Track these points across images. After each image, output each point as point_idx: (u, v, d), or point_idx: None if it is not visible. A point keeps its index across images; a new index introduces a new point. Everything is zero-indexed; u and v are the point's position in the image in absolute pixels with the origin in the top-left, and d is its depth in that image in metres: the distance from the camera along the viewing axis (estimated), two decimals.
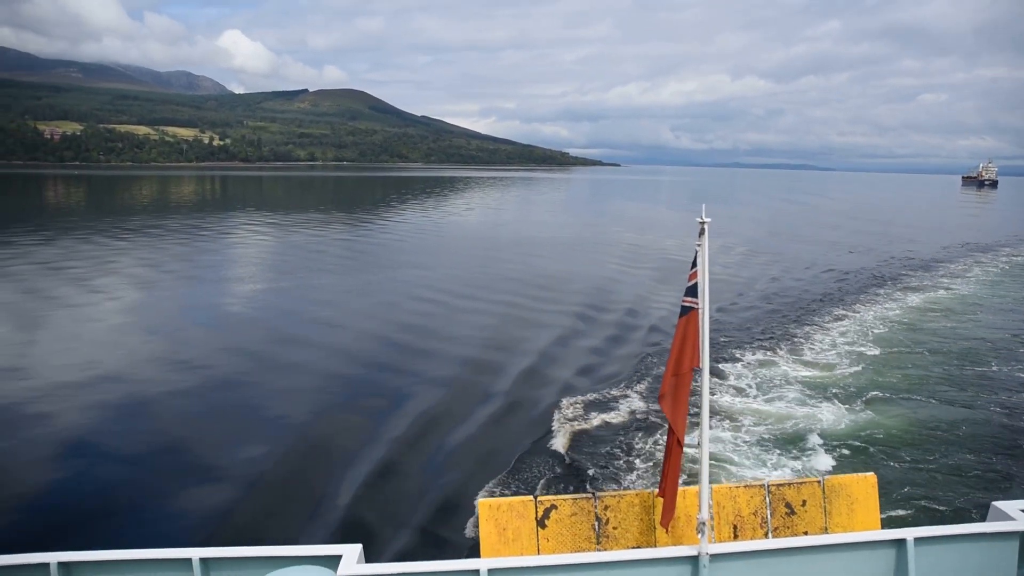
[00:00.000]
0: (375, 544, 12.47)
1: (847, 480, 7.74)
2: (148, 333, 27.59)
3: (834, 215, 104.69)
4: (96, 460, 16.15)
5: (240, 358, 23.96)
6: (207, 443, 17.04)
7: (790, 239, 66.40)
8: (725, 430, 17.65)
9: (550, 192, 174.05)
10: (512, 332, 28.31)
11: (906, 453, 16.27)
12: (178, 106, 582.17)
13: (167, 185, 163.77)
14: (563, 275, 42.66)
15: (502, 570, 6.30)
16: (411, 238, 63.58)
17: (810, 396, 20.39)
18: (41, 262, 42.95)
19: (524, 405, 19.81)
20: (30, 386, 20.70)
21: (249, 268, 44.41)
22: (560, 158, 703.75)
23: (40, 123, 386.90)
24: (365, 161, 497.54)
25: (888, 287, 39.65)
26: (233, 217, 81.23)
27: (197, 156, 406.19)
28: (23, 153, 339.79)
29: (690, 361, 6.27)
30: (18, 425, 17.88)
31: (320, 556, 6.41)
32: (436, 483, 15.15)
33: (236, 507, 13.95)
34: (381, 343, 26.44)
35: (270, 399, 20.11)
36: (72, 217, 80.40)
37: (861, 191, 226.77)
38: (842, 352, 25.47)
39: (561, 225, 79.74)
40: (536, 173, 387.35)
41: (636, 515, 7.36)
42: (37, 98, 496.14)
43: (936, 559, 6.78)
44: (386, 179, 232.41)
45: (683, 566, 6.50)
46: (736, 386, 21.27)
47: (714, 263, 49.97)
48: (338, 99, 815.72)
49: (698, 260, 6.25)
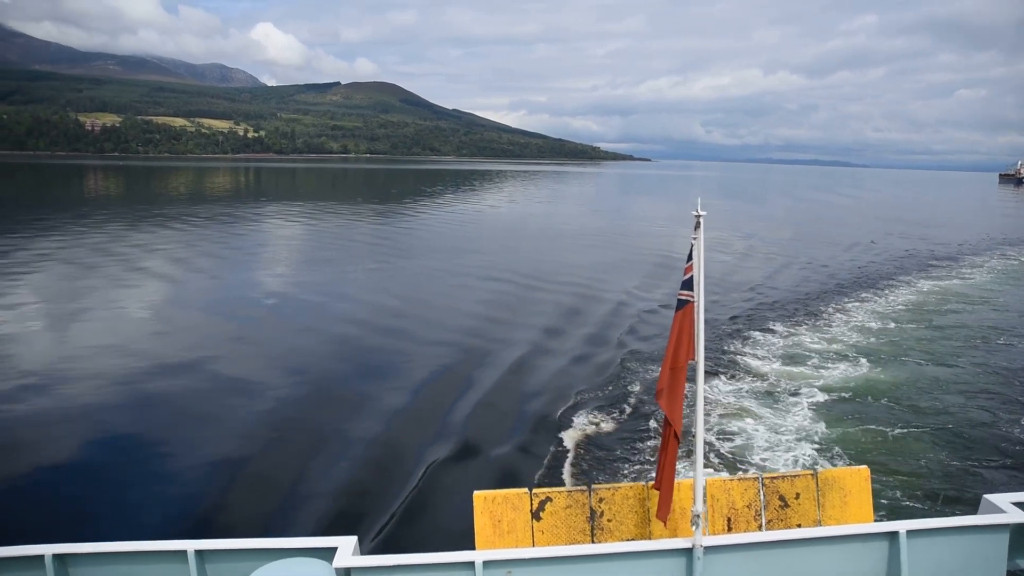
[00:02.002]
0: (483, 447, 16.59)
1: (840, 473, 7.77)
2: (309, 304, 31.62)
3: (874, 210, 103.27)
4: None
5: (360, 329, 27.50)
6: (371, 384, 21.06)
7: (821, 233, 65.83)
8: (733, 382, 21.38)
9: (585, 186, 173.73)
10: (575, 305, 32.25)
11: (899, 445, 16.51)
12: (213, 98, 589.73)
13: (211, 175, 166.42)
14: (615, 261, 45.49)
15: (497, 562, 6.32)
16: (462, 227, 64.76)
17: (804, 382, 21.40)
18: (136, 245, 46.08)
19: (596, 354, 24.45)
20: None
21: (324, 254, 47.12)
22: (591, 152, 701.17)
23: (81, 115, 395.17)
24: (397, 154, 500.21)
25: (906, 278, 40.59)
26: (285, 207, 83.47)
27: (232, 148, 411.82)
28: (66, 144, 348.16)
29: (686, 354, 6.23)
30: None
31: (315, 548, 6.41)
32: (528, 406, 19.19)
33: (393, 421, 18.04)
34: (468, 316, 29.70)
35: (403, 352, 24.29)
36: (143, 204, 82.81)
37: (894, 188, 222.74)
38: (845, 340, 26.55)
39: (608, 215, 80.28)
40: (567, 167, 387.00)
41: (631, 507, 7.39)
42: (78, 90, 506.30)
43: (928, 551, 6.83)
44: (420, 172, 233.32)
45: (677, 558, 6.55)
46: (750, 351, 24.71)
47: (756, 253, 50.55)
48: (370, 92, 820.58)
49: (694, 253, 6.20)
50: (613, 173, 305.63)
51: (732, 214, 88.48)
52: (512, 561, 6.36)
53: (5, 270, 36.78)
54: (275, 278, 37.41)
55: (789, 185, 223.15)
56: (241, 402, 19.20)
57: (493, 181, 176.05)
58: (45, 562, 6.18)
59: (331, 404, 19.35)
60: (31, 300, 30.55)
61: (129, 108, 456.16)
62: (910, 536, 6.75)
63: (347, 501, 14.05)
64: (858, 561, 6.85)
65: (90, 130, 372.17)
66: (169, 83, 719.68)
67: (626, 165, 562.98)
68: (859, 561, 6.85)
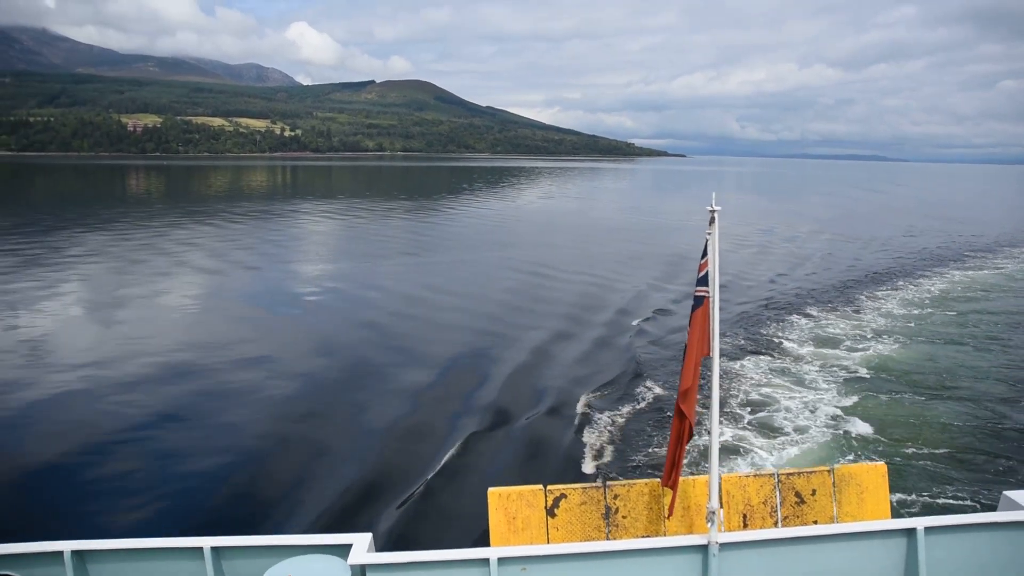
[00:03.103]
0: (512, 411, 18.40)
1: (857, 469, 7.60)
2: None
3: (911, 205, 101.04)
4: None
5: (429, 310, 30.40)
6: (409, 359, 23.24)
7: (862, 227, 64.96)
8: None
9: (621, 182, 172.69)
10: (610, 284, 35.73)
11: (917, 441, 16.23)
12: (249, 98, 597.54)
13: (252, 174, 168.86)
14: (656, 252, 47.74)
15: (512, 559, 6.29)
16: (507, 222, 66.32)
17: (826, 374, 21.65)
18: (208, 239, 46.60)
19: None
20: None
21: (377, 248, 49.11)
22: (625, 149, 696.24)
23: (123, 116, 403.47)
24: (432, 151, 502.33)
25: (939, 269, 41.71)
26: (332, 204, 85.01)
27: (270, 147, 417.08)
28: (109, 145, 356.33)
29: (700, 351, 6.16)
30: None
31: (330, 545, 6.40)
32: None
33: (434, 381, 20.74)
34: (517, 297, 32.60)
35: (455, 328, 27.41)
36: (198, 203, 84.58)
37: (934, 182, 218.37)
38: (874, 326, 27.41)
39: (647, 211, 79.71)
40: (602, 164, 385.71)
41: (646, 504, 7.29)
42: (120, 92, 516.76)
43: (946, 549, 6.70)
44: (456, 169, 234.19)
45: (693, 555, 6.47)
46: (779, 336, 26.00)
47: (791, 245, 51.30)
48: (404, 90, 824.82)
49: (708, 249, 6.07)
50: (648, 169, 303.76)
51: (768, 211, 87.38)
52: (527, 558, 6.33)
53: (68, 263, 39.05)
54: (336, 270, 39.43)
55: (825, 181, 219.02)
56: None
57: (530, 178, 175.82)
58: (64, 558, 6.22)
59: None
60: (123, 288, 32.98)
61: (169, 109, 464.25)
62: (928, 533, 6.63)
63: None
64: (875, 558, 6.73)
65: (132, 131, 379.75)
66: (207, 83, 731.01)
67: (661, 161, 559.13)
68: (876, 558, 6.73)
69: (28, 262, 39.00)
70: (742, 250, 48.35)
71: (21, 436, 16.64)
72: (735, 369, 21.69)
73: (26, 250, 43.50)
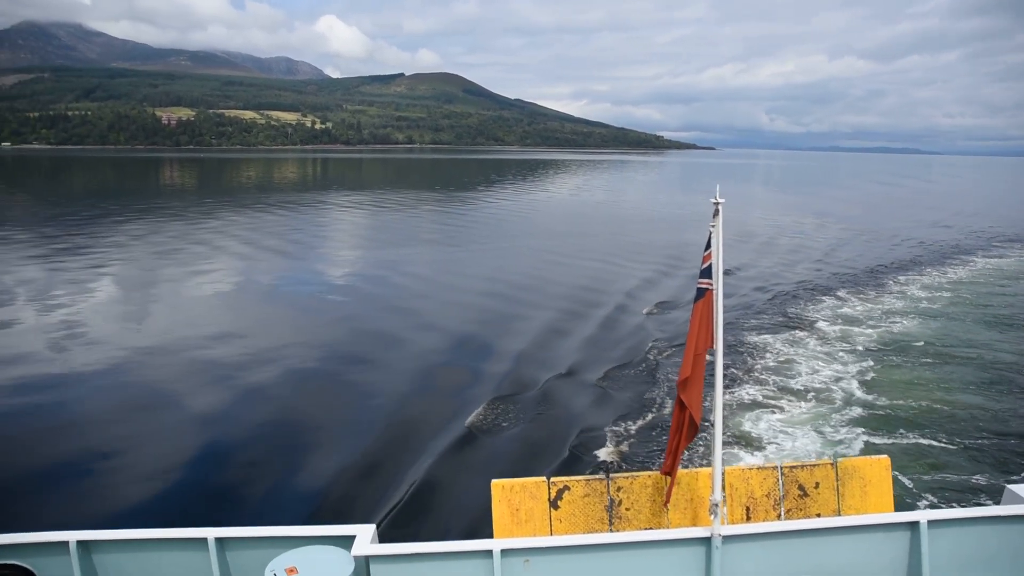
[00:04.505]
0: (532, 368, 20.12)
1: (860, 462, 7.51)
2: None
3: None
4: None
5: (483, 295, 30.89)
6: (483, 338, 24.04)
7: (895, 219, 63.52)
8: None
9: (651, 174, 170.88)
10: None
11: (921, 433, 16.05)
12: (280, 91, 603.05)
13: (286, 166, 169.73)
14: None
15: (515, 550, 6.31)
16: (544, 213, 65.86)
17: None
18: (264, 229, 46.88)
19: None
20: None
21: (420, 236, 49.64)
22: (654, 141, 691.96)
23: (157, 109, 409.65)
24: (461, 144, 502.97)
25: (965, 257, 41.92)
26: (361, 195, 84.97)
27: (301, 139, 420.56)
28: (144, 138, 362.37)
29: (705, 343, 6.12)
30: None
31: (334, 536, 6.44)
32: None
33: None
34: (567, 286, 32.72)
35: (520, 312, 27.51)
36: (242, 193, 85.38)
37: (972, 174, 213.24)
38: (892, 310, 27.78)
39: (680, 204, 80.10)
40: (630, 156, 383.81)
41: (649, 496, 7.27)
42: (154, 86, 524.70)
43: (950, 542, 6.70)
44: (486, 161, 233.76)
45: (696, 547, 6.48)
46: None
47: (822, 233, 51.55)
48: (433, 83, 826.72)
49: (712, 241, 6.02)
50: (678, 162, 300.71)
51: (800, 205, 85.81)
52: (530, 550, 6.35)
53: (128, 249, 39.98)
54: (403, 256, 40.29)
55: (855, 173, 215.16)
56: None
57: (561, 170, 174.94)
58: (70, 548, 6.30)
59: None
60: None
61: (201, 102, 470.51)
62: (931, 526, 6.62)
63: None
64: (878, 551, 6.73)
65: (166, 124, 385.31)
66: (238, 76, 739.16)
67: (690, 154, 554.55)
68: (879, 551, 6.73)
69: (106, 247, 40.14)
70: (781, 238, 49.58)
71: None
72: (761, 342, 23.02)
73: (104, 235, 45.59)
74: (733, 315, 26.51)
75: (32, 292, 29.15)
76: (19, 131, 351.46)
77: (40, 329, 23.59)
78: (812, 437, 15.63)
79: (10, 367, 19.70)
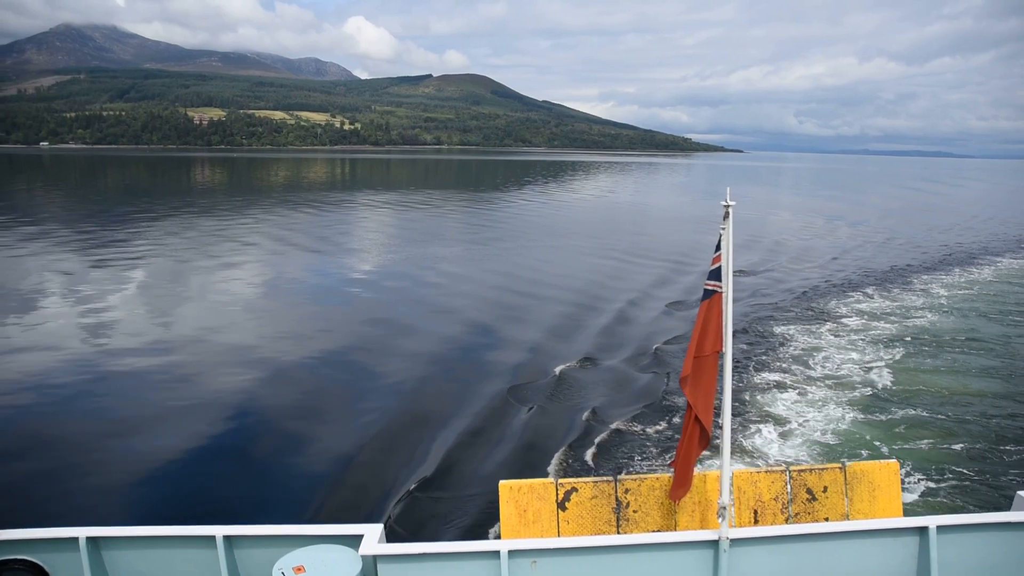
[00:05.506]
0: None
1: (869, 466, 7.44)
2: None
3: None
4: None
5: (524, 286, 32.03)
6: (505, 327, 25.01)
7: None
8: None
9: (679, 177, 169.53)
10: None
11: (930, 438, 15.72)
12: (309, 92, 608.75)
13: (316, 166, 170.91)
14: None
15: (522, 551, 6.31)
16: (581, 213, 66.45)
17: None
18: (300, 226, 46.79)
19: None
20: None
21: (455, 235, 49.69)
22: (682, 144, 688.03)
23: (189, 110, 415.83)
24: (489, 145, 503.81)
25: (987, 258, 41.74)
26: (395, 195, 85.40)
27: (330, 139, 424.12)
28: (176, 138, 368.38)
29: (712, 344, 6.12)
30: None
31: (342, 535, 6.44)
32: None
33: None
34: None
35: (556, 298, 29.30)
36: (277, 192, 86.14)
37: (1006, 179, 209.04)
38: (907, 311, 27.54)
39: (707, 205, 79.87)
40: (658, 158, 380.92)
41: (657, 499, 7.23)
42: (185, 86, 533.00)
43: (959, 548, 6.60)
44: (515, 162, 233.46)
45: (703, 550, 6.45)
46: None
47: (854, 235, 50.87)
48: (461, 84, 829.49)
49: (722, 244, 5.98)
50: (706, 164, 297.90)
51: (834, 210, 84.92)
52: (537, 551, 6.34)
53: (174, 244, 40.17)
54: (451, 254, 40.96)
55: (887, 177, 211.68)
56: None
57: (591, 172, 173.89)
58: (79, 545, 6.33)
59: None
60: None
61: (232, 103, 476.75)
62: (940, 532, 6.54)
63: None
64: (887, 556, 6.64)
65: (198, 124, 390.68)
66: (268, 77, 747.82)
67: (718, 156, 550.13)
68: (888, 556, 6.64)
69: (144, 242, 40.54)
70: (807, 232, 49.52)
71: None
72: (785, 333, 24.04)
73: (145, 231, 46.67)
74: (766, 311, 27.18)
75: (70, 284, 30.03)
76: (56, 131, 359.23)
77: (72, 317, 24.64)
78: (821, 437, 15.56)
79: (53, 352, 20.59)
